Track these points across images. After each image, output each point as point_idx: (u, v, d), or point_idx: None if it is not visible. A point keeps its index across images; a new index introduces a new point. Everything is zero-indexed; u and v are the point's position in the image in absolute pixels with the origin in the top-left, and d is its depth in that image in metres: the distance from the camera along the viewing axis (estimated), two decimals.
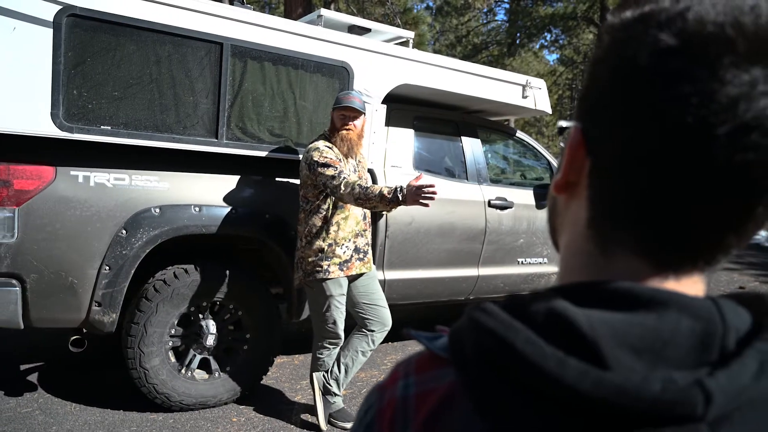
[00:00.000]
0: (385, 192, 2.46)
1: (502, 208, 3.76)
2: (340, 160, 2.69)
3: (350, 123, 2.73)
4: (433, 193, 2.40)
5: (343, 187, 2.52)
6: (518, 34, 18.51)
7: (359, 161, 2.90)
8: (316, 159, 2.63)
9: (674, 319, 0.34)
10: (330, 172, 2.58)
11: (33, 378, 3.23)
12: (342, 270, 2.74)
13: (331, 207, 2.73)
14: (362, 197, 2.48)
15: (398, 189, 2.46)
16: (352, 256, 2.77)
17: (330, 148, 2.71)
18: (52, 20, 2.35)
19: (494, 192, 3.77)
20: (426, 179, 3.18)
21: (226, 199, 2.88)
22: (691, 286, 0.38)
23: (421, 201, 2.42)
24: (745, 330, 0.34)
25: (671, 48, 0.34)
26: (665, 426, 0.30)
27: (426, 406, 0.38)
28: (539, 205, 3.96)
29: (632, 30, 0.36)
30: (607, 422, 0.31)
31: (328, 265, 2.71)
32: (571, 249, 0.42)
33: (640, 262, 0.38)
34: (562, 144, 0.46)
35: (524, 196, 3.91)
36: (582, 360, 0.32)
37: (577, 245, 0.41)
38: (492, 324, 0.35)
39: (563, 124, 0.49)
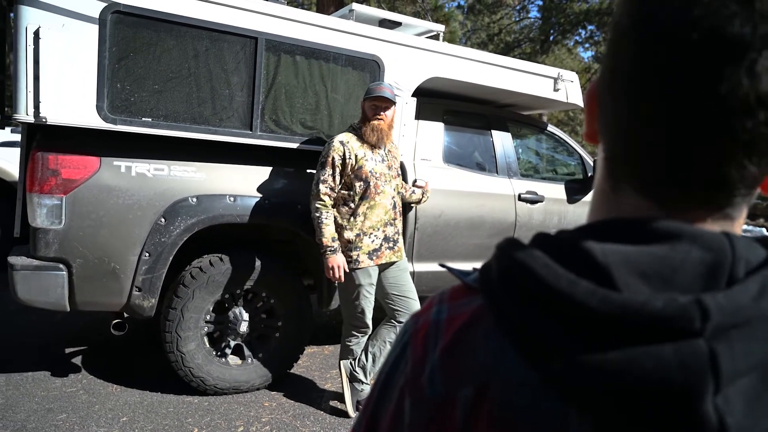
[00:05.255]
0: (324, 240, 2.69)
1: (533, 202, 3.73)
2: (347, 159, 2.72)
3: (381, 113, 2.77)
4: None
5: (316, 200, 2.72)
6: (552, 31, 18.19)
7: (389, 150, 2.92)
8: (324, 154, 2.76)
9: (685, 249, 0.35)
10: (322, 176, 2.73)
11: (77, 360, 3.39)
12: (372, 259, 2.78)
13: (357, 198, 2.77)
14: (315, 222, 2.74)
15: (329, 250, 2.67)
16: (381, 245, 2.81)
17: (344, 144, 2.73)
18: (98, 17, 2.46)
19: (524, 186, 3.75)
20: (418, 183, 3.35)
21: (260, 189, 2.96)
22: (706, 227, 0.38)
23: (327, 274, 2.71)
24: (757, 262, 0.35)
25: None
26: (665, 342, 0.32)
27: (454, 326, 0.42)
28: (571, 200, 3.92)
29: None
30: (610, 337, 0.33)
31: (358, 255, 2.75)
32: (596, 189, 0.45)
33: (643, 200, 0.39)
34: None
35: (555, 191, 3.88)
36: (594, 283, 0.34)
37: (599, 185, 0.44)
38: (515, 251, 0.39)
39: None
